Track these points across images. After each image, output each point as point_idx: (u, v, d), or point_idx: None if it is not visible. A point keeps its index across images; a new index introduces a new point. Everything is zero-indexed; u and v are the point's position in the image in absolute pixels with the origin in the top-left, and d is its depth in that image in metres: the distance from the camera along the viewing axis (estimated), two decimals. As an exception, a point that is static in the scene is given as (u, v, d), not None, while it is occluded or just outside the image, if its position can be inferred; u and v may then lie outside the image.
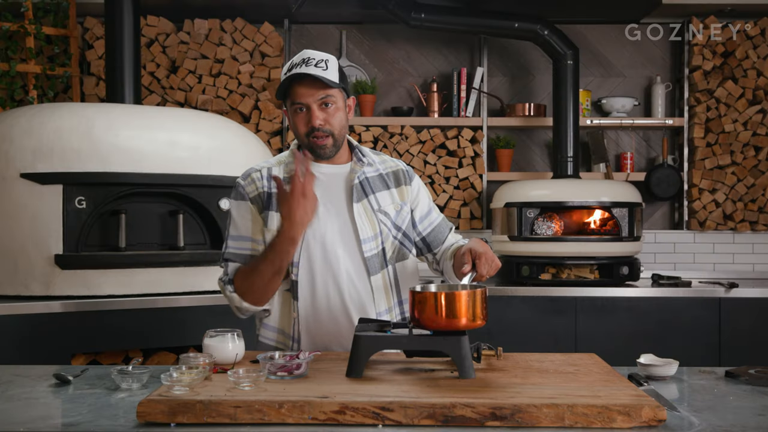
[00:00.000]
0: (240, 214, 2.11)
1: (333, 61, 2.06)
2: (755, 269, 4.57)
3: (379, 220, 2.10)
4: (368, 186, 2.13)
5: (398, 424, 1.45)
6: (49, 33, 4.13)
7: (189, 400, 1.47)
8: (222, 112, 4.38)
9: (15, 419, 1.51)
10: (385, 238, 2.10)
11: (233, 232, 2.12)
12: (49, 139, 3.13)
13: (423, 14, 4.26)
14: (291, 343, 2.07)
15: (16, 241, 3.12)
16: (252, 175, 2.13)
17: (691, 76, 4.53)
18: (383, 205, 2.13)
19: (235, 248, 2.10)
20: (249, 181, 2.12)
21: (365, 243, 2.07)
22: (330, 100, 2.04)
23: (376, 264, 2.08)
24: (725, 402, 1.66)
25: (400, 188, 2.19)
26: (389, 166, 2.21)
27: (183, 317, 3.25)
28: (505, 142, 4.61)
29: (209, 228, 3.48)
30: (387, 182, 2.17)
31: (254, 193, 2.10)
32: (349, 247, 2.07)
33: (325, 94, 2.03)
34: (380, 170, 2.18)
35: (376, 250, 2.08)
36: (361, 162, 2.14)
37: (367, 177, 2.14)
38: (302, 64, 2.01)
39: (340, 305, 2.06)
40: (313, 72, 1.99)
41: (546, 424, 1.44)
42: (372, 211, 2.10)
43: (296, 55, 2.06)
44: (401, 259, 2.15)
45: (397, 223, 2.14)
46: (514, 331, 3.83)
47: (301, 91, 2.01)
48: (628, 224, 4.00)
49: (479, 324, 1.72)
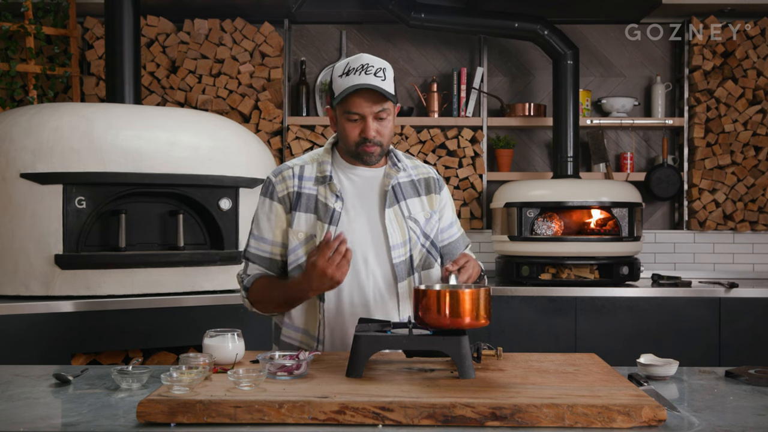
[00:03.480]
0: (264, 213, 2.10)
1: (390, 71, 2.03)
2: (755, 269, 4.57)
3: (408, 227, 2.09)
4: (400, 192, 2.11)
5: (398, 424, 1.45)
6: (49, 33, 4.13)
7: (189, 400, 1.47)
8: (222, 112, 4.38)
9: (15, 419, 1.51)
10: (413, 246, 2.09)
11: (255, 231, 2.12)
12: (49, 139, 3.13)
13: (423, 14, 4.26)
14: (315, 344, 2.06)
15: (16, 241, 3.13)
16: (284, 172, 2.10)
17: (691, 76, 4.53)
18: (414, 212, 2.11)
19: (255, 248, 2.11)
20: (280, 179, 2.09)
21: (395, 249, 2.05)
22: (385, 114, 2.01)
23: (403, 271, 2.06)
24: (725, 402, 1.66)
25: (431, 196, 2.17)
26: (421, 172, 2.19)
27: (183, 317, 3.25)
28: (505, 142, 4.61)
29: (209, 228, 3.48)
30: (418, 189, 2.15)
31: (283, 192, 2.08)
32: (378, 253, 2.05)
33: (382, 108, 1.99)
34: (412, 176, 2.16)
35: (404, 256, 2.07)
36: (395, 167, 2.12)
37: (400, 183, 2.12)
38: (361, 71, 1.97)
39: (366, 310, 2.05)
40: (374, 83, 1.96)
41: (546, 424, 1.44)
42: (403, 218, 2.09)
43: (352, 58, 2.02)
44: (427, 268, 2.13)
45: (426, 231, 2.13)
46: (514, 331, 3.83)
47: (359, 102, 1.97)
48: (628, 224, 4.00)
49: (483, 323, 1.71)
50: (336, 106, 2.03)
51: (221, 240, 3.43)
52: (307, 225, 2.05)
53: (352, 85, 1.96)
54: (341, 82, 1.99)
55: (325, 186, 2.06)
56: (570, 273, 4.02)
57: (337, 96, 1.99)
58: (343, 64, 2.01)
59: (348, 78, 1.97)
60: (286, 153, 4.47)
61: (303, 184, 2.07)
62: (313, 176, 2.08)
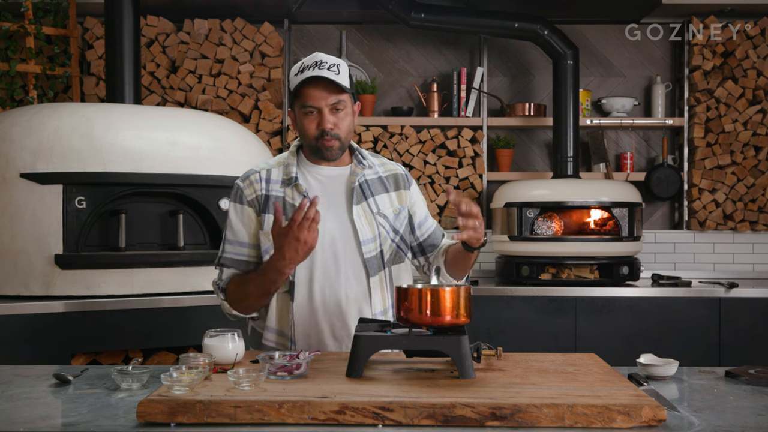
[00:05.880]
0: (237, 217, 2.12)
1: (344, 66, 2.07)
2: (755, 269, 4.57)
3: (378, 222, 2.11)
4: (368, 189, 2.14)
5: (398, 424, 1.45)
6: (49, 33, 4.13)
7: (189, 400, 1.47)
8: (222, 112, 4.38)
9: (15, 419, 1.51)
10: (383, 241, 2.11)
11: (230, 236, 2.13)
12: (49, 139, 3.13)
13: (423, 14, 4.26)
14: (289, 344, 2.07)
15: (16, 241, 3.12)
16: (251, 177, 2.13)
17: (691, 76, 4.53)
18: (382, 208, 2.14)
19: (231, 253, 2.12)
20: (247, 184, 2.12)
21: (365, 244, 2.07)
22: (341, 105, 2.05)
23: (375, 265, 2.08)
24: (725, 402, 1.66)
25: (399, 192, 2.19)
26: (389, 169, 2.22)
27: (183, 317, 3.25)
28: (505, 142, 4.61)
29: (209, 228, 3.48)
30: (386, 185, 2.18)
31: (252, 195, 2.10)
32: (348, 249, 2.07)
33: (337, 99, 2.04)
34: (380, 173, 2.19)
35: (375, 251, 2.09)
36: (361, 165, 2.15)
37: (367, 180, 2.15)
38: (314, 66, 2.02)
39: (337, 306, 2.06)
40: (326, 75, 2.00)
41: (546, 424, 1.44)
42: (371, 214, 2.11)
43: (307, 57, 2.06)
44: (397, 262, 2.16)
45: (395, 227, 2.15)
46: (514, 331, 3.83)
47: (314, 94, 2.02)
48: (628, 224, 4.00)
49: (463, 321, 1.74)
50: (294, 104, 2.08)
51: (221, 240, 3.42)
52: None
53: (304, 76, 2.01)
54: (295, 80, 2.04)
55: (291, 187, 2.09)
56: (570, 273, 4.02)
57: (293, 91, 2.04)
58: (299, 63, 2.07)
59: (302, 74, 2.03)
60: (286, 153, 4.47)
61: (270, 186, 2.10)
62: (279, 179, 2.11)
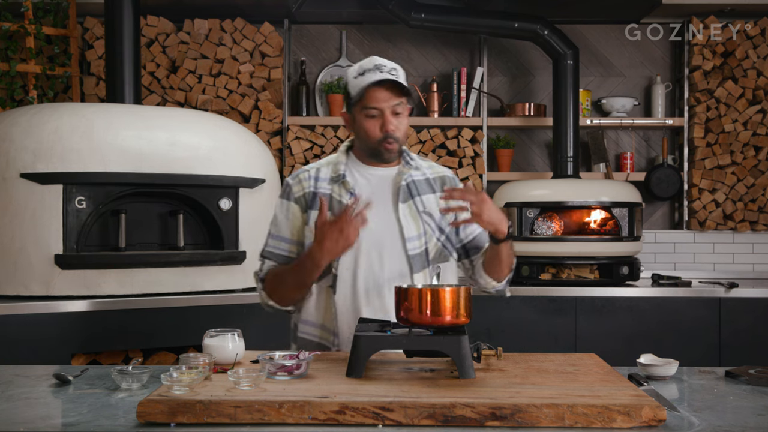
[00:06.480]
0: (282, 213, 2.19)
1: (401, 70, 2.12)
2: (755, 269, 4.57)
3: (423, 220, 2.14)
4: (414, 188, 2.17)
5: (398, 424, 1.45)
6: (49, 33, 4.13)
7: (189, 400, 1.47)
8: (222, 112, 4.38)
9: (15, 419, 1.51)
10: (428, 239, 2.14)
11: (274, 230, 2.20)
12: (49, 139, 3.13)
13: (423, 14, 4.26)
14: (332, 338, 2.11)
15: (16, 241, 3.12)
16: (300, 175, 2.20)
17: (691, 76, 4.53)
18: (428, 206, 2.17)
19: (273, 247, 2.18)
20: (296, 181, 2.19)
21: (410, 241, 2.11)
22: (401, 108, 2.08)
23: (419, 263, 2.12)
24: (725, 402, 1.66)
25: None
26: (436, 171, 2.25)
27: (183, 317, 3.25)
28: (505, 142, 4.61)
29: (209, 228, 3.48)
30: (433, 186, 2.21)
31: (299, 193, 2.17)
32: (393, 246, 2.11)
33: (399, 102, 2.07)
34: (427, 175, 2.22)
35: (420, 249, 2.12)
36: (408, 165, 2.19)
37: (414, 180, 2.18)
38: (376, 70, 2.05)
39: (381, 300, 2.09)
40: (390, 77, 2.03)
41: (546, 424, 1.44)
42: (417, 212, 2.14)
43: (365, 60, 2.10)
44: (442, 261, 2.19)
45: (441, 226, 2.18)
46: (514, 331, 3.83)
47: (378, 96, 2.05)
48: (628, 224, 4.00)
49: (463, 321, 1.74)
50: (353, 107, 2.10)
51: (221, 240, 3.43)
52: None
53: (372, 81, 2.03)
54: (357, 83, 2.07)
55: (339, 185, 2.14)
56: (570, 273, 4.02)
57: (355, 94, 2.07)
58: (357, 66, 2.10)
59: (364, 77, 2.06)
60: (286, 153, 4.47)
61: (318, 184, 2.16)
62: (328, 177, 2.17)
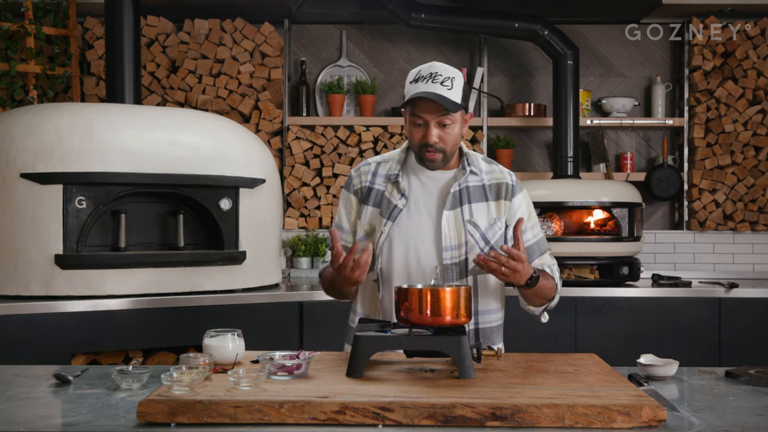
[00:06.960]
0: (343, 203, 2.25)
1: (459, 80, 2.05)
2: (755, 269, 4.57)
3: (467, 230, 2.10)
4: (466, 195, 2.13)
5: (398, 424, 1.45)
6: (49, 33, 4.13)
7: (189, 400, 1.47)
8: (222, 112, 4.38)
9: (15, 419, 1.51)
10: (470, 249, 2.10)
11: (336, 219, 2.27)
12: (49, 139, 3.13)
13: (423, 14, 4.26)
14: None
15: (16, 241, 3.12)
16: (362, 168, 2.23)
17: (691, 76, 4.53)
18: (476, 216, 2.12)
19: None
20: (357, 174, 2.23)
21: (446, 251, 2.09)
22: (448, 120, 2.05)
23: (454, 273, 2.09)
24: (725, 402, 1.66)
25: (498, 202, 2.16)
26: (495, 177, 2.19)
27: (183, 317, 3.25)
28: (505, 142, 4.61)
29: (209, 228, 3.48)
30: (486, 194, 2.15)
31: (358, 185, 2.21)
32: (431, 253, 2.10)
33: (445, 114, 2.04)
34: (484, 181, 2.16)
35: (457, 259, 2.09)
36: (464, 170, 2.15)
37: (468, 186, 2.14)
38: (429, 79, 2.03)
39: None
40: (438, 92, 2.00)
41: (546, 424, 1.44)
42: (462, 222, 2.10)
43: (424, 66, 2.07)
44: (484, 272, 2.12)
45: (487, 236, 2.13)
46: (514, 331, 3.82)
47: (423, 107, 2.04)
48: (628, 224, 3.99)
49: (463, 321, 1.75)
50: (406, 109, 2.10)
51: (221, 240, 3.43)
52: (371, 218, 2.16)
53: (416, 93, 2.02)
54: (410, 88, 2.07)
55: (393, 183, 2.16)
56: (570, 273, 4.01)
57: (405, 101, 2.07)
58: (416, 70, 2.09)
59: (416, 85, 2.05)
60: (286, 153, 4.47)
61: (375, 180, 2.19)
62: (385, 174, 2.18)
